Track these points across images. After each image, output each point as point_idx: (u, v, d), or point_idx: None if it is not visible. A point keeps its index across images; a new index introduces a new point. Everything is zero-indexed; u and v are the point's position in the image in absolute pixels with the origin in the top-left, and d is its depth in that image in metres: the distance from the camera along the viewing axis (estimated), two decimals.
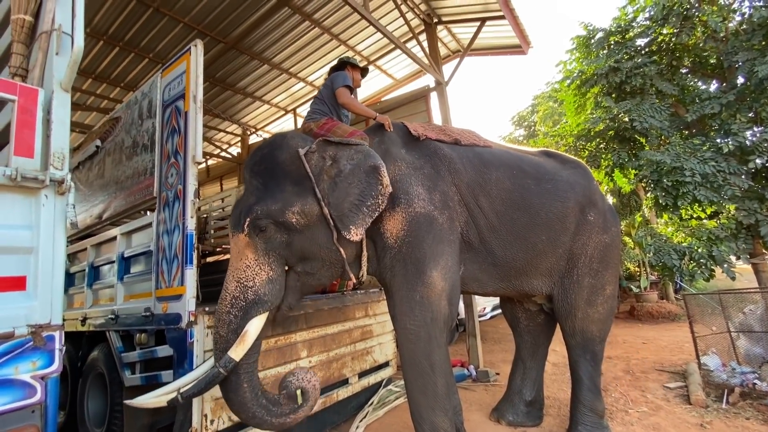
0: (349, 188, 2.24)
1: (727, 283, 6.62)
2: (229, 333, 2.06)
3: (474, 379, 4.56)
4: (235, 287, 2.12)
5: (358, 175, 2.25)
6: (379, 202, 2.23)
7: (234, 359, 1.99)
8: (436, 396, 2.26)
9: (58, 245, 1.31)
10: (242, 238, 2.17)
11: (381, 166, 2.25)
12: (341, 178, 2.26)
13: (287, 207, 2.17)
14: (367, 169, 2.25)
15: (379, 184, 2.22)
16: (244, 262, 2.15)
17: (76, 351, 3.73)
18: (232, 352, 2.00)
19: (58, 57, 1.42)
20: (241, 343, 2.02)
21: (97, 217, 3.64)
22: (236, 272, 2.16)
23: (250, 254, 2.16)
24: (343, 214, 2.22)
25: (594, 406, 2.79)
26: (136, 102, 3.31)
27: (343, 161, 2.29)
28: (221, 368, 1.98)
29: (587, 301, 2.78)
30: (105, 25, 5.22)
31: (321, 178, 2.26)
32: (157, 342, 2.80)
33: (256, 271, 2.14)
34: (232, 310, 2.09)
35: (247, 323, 2.06)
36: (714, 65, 7.49)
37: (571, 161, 3.11)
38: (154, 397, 2.08)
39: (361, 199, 2.22)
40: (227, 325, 2.08)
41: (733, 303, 4.27)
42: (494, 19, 5.45)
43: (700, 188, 5.99)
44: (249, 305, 2.09)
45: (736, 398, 3.41)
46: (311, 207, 2.21)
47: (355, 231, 2.21)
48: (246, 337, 2.03)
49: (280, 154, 2.30)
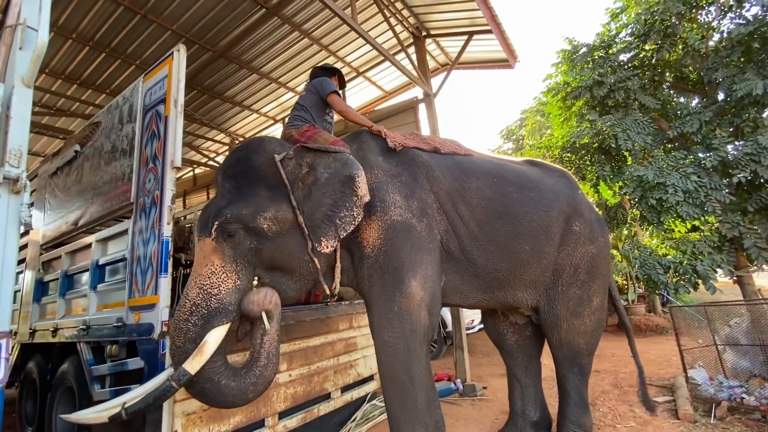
0: (323, 198, 2.16)
1: (713, 295, 6.66)
2: (187, 343, 1.92)
3: (461, 394, 4.47)
4: (196, 294, 1.99)
5: (333, 185, 2.17)
6: (354, 214, 2.13)
7: (189, 372, 1.85)
8: (416, 411, 2.17)
9: (10, 247, 1.22)
10: (209, 243, 2.05)
11: (357, 175, 2.15)
12: (316, 186, 2.19)
13: (259, 212, 2.08)
14: (343, 178, 2.16)
15: (353, 195, 2.13)
16: (209, 268, 2.02)
17: (47, 363, 3.57)
18: (187, 365, 1.86)
19: (21, 52, 1.36)
20: (199, 355, 1.88)
21: (73, 224, 3.53)
22: (199, 278, 2.02)
23: (216, 260, 2.03)
24: (315, 224, 2.14)
25: (581, 421, 2.72)
26: (117, 107, 3.25)
27: (320, 169, 2.21)
28: (174, 382, 1.84)
29: (573, 313, 2.71)
30: (91, 31, 5.16)
31: (296, 186, 2.18)
32: (128, 354, 2.68)
33: (222, 279, 2.01)
34: (191, 318, 1.95)
35: (207, 333, 1.92)
36: (695, 81, 7.69)
37: (555, 170, 3.07)
38: (95, 412, 1.94)
39: (334, 210, 2.14)
40: (185, 335, 1.94)
41: (719, 316, 4.27)
42: (481, 33, 5.53)
43: (683, 204, 6.06)
44: (211, 314, 1.95)
45: (723, 413, 3.37)
46: (285, 214, 2.12)
47: (326, 243, 2.12)
48: (204, 348, 1.89)
49: (255, 158, 2.22)
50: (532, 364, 3.12)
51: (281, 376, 2.90)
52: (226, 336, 2.04)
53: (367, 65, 6.68)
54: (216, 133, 8.35)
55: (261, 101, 7.37)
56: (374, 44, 4.77)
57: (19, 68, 1.34)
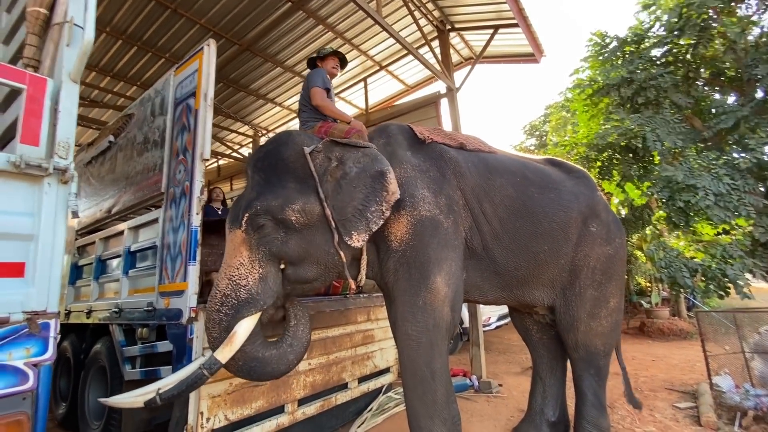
0: (354, 192, 2.19)
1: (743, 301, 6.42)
2: (222, 333, 1.98)
3: (476, 390, 4.48)
4: (226, 285, 2.04)
5: (364, 180, 2.20)
6: (383, 209, 2.16)
7: (220, 361, 1.91)
8: (436, 404, 2.21)
9: (59, 233, 1.31)
10: (239, 235, 2.10)
11: (388, 171, 2.19)
12: (346, 181, 2.22)
13: (288, 204, 2.11)
14: (374, 174, 2.20)
15: (384, 190, 2.16)
16: (238, 260, 2.07)
17: (80, 343, 3.76)
18: (218, 354, 1.92)
19: (68, 48, 1.44)
20: (229, 345, 1.94)
21: (106, 211, 3.69)
22: (229, 269, 2.07)
23: (245, 251, 2.08)
24: (345, 218, 2.17)
25: (598, 422, 2.71)
26: (149, 99, 3.36)
27: (349, 164, 2.25)
28: (205, 370, 1.90)
29: (590, 314, 2.69)
30: (124, 25, 5.34)
31: (325, 179, 2.22)
32: (158, 337, 2.81)
33: (250, 270, 2.06)
34: (222, 309, 2.00)
35: (237, 323, 1.98)
36: (733, 77, 7.35)
37: (576, 171, 3.04)
38: (131, 397, 2.02)
39: (365, 205, 2.17)
40: (218, 325, 2.00)
41: (748, 322, 4.14)
42: (507, 27, 5.44)
43: (714, 207, 5.84)
44: (240, 304, 2.00)
45: (749, 422, 3.28)
46: (312, 206, 2.16)
47: (357, 237, 2.15)
48: (234, 338, 1.94)
49: (284, 151, 2.26)
50: (558, 365, 3.10)
51: (301, 365, 2.98)
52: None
53: (389, 59, 6.67)
54: (240, 125, 8.51)
55: (285, 94, 7.46)
56: (398, 38, 4.76)
57: (66, 64, 1.41)
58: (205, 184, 2.68)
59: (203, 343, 2.43)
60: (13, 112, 1.83)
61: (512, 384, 4.69)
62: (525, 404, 3.34)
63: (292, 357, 2.14)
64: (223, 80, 6.73)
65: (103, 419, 3.12)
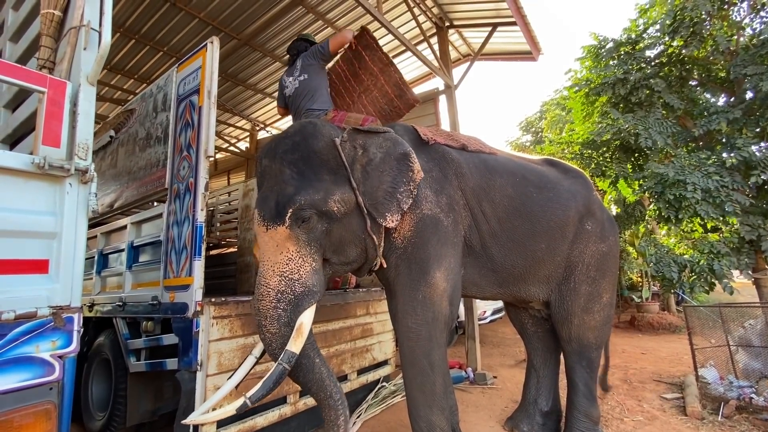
0: (382, 176, 2.27)
1: (731, 296, 6.61)
2: (282, 327, 2.00)
3: (471, 382, 4.61)
4: (278, 282, 2.03)
5: (390, 163, 2.28)
6: (411, 188, 2.25)
7: (295, 353, 1.95)
8: (434, 394, 2.31)
9: (80, 231, 1.37)
10: (282, 231, 2.07)
11: (411, 152, 2.29)
12: (372, 166, 2.28)
13: (329, 196, 2.13)
14: (398, 156, 2.29)
15: (410, 170, 2.26)
16: (286, 255, 2.07)
17: (83, 336, 3.79)
18: (291, 347, 1.95)
19: (85, 52, 1.48)
20: (299, 336, 1.98)
21: (108, 206, 3.72)
22: (277, 266, 2.06)
23: (292, 246, 2.08)
24: (378, 201, 2.24)
25: (589, 412, 2.83)
26: (151, 95, 3.38)
27: (373, 149, 2.31)
28: (285, 364, 1.93)
29: (584, 309, 2.81)
30: (122, 18, 5.31)
31: (354, 167, 2.27)
32: (163, 330, 2.87)
33: (300, 264, 2.07)
34: (279, 305, 2.01)
35: (300, 316, 2.02)
36: (723, 79, 7.48)
37: (572, 170, 3.15)
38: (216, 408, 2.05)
39: (395, 186, 2.25)
40: (278, 320, 2.00)
41: (734, 317, 4.28)
42: (506, 25, 5.49)
43: (702, 203, 5.98)
44: (298, 298, 2.03)
45: (731, 411, 3.43)
46: (349, 195, 2.20)
47: (391, 218, 2.23)
48: (303, 329, 1.99)
49: (315, 143, 2.23)
50: (552, 357, 3.22)
51: None
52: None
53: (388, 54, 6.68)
54: (238, 119, 8.50)
55: None
56: (397, 34, 4.79)
57: (84, 67, 1.46)
58: (209, 180, 2.73)
59: (209, 336, 2.50)
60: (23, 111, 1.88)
61: (506, 376, 4.83)
62: (519, 395, 3.47)
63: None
64: (222, 74, 6.69)
65: (108, 410, 3.18)
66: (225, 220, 4.91)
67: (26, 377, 1.23)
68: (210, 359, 2.46)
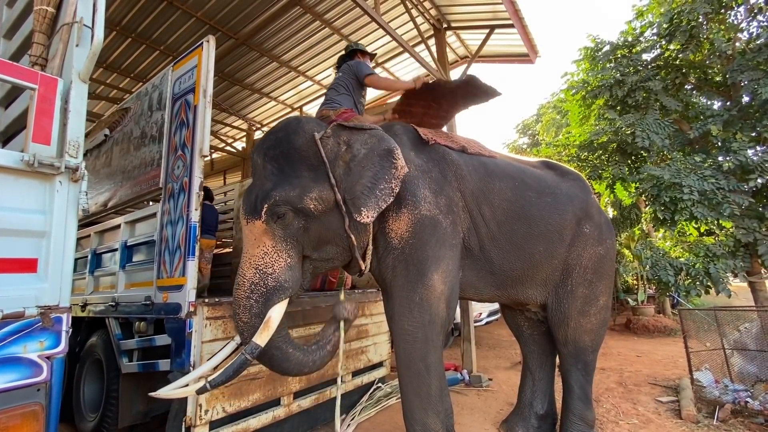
0: (363, 171, 2.21)
1: (725, 299, 6.64)
2: (253, 318, 2.05)
3: (467, 384, 4.59)
4: (253, 274, 2.08)
5: (372, 159, 2.23)
6: (393, 186, 2.17)
7: (260, 345, 1.98)
8: (430, 397, 2.29)
9: (70, 230, 1.35)
10: (259, 225, 2.12)
11: (395, 149, 2.22)
12: (355, 162, 2.25)
13: (305, 193, 2.13)
14: (381, 152, 2.23)
15: (393, 167, 2.19)
16: (262, 249, 2.11)
17: (75, 336, 3.76)
18: (257, 339, 1.99)
19: (78, 48, 1.46)
20: (266, 330, 2.01)
21: (102, 205, 3.69)
22: (253, 259, 2.11)
23: (268, 241, 2.11)
24: (355, 196, 2.19)
25: (584, 415, 2.82)
26: (147, 94, 3.36)
27: (357, 145, 2.28)
28: (248, 355, 1.97)
29: (580, 311, 2.80)
30: (118, 16, 5.28)
31: (336, 164, 2.25)
32: (156, 331, 2.84)
33: (275, 258, 2.10)
34: (252, 296, 2.06)
35: (269, 309, 2.04)
36: (719, 83, 7.53)
37: (570, 174, 3.15)
38: (179, 387, 2.07)
39: (374, 182, 2.18)
40: (249, 311, 2.05)
41: (729, 320, 4.29)
42: (503, 27, 5.51)
43: (698, 205, 6.01)
44: (270, 292, 2.06)
45: (726, 414, 3.43)
46: (327, 193, 2.19)
47: (366, 213, 2.14)
48: (269, 323, 2.02)
49: (295, 139, 2.24)
50: (548, 360, 3.21)
51: None
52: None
53: (385, 56, 6.69)
54: (234, 119, 8.47)
55: (280, 89, 7.45)
56: (394, 35, 4.79)
57: (76, 64, 1.44)
58: (203, 179, 2.71)
59: (202, 337, 2.48)
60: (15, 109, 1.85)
61: (502, 378, 4.82)
62: (514, 397, 3.46)
63: (307, 371, 2.24)
64: (219, 74, 6.68)
65: (100, 411, 3.14)
66: (220, 221, 4.88)
67: (13, 378, 1.20)
68: (203, 360, 2.43)
